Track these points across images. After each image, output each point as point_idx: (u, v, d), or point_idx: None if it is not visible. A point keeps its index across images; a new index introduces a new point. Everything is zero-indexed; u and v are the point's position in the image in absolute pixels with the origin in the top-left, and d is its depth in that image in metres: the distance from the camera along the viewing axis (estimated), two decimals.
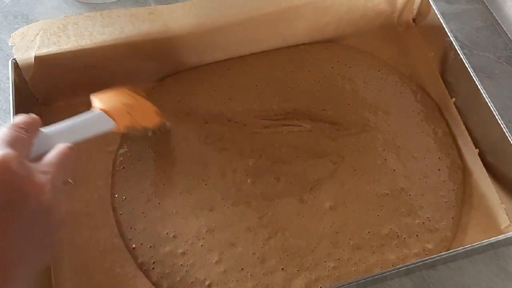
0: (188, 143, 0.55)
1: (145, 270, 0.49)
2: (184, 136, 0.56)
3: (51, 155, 0.37)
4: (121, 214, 0.51)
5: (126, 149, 0.55)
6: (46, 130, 0.40)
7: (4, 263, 0.30)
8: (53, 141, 0.39)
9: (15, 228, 0.30)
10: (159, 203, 0.52)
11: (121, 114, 0.46)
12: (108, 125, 0.45)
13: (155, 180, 0.53)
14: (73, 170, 0.39)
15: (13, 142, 0.34)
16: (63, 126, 0.41)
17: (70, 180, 0.39)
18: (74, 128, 0.42)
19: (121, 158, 0.54)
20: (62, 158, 0.37)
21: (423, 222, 0.51)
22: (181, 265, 0.49)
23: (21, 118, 0.38)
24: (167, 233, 0.50)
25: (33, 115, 0.39)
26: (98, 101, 0.46)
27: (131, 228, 0.50)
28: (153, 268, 0.49)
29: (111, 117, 0.44)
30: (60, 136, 0.40)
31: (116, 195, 0.52)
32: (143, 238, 0.50)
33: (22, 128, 0.36)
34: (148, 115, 0.50)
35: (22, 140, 0.35)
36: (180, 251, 0.50)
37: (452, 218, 0.51)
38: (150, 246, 0.50)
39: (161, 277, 0.48)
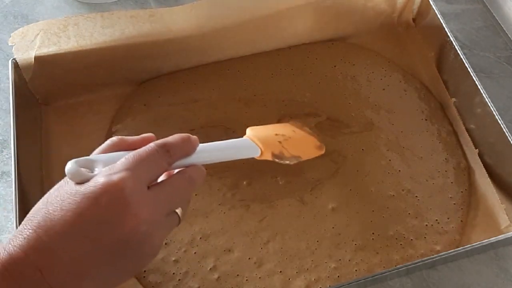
0: None
1: (137, 278, 0.47)
2: None
3: (168, 182, 0.34)
4: None
5: None
6: None
7: (79, 273, 0.30)
8: (192, 158, 0.36)
9: (100, 246, 0.30)
10: None
11: (269, 143, 0.45)
12: (253, 151, 0.43)
13: None
14: (187, 201, 0.37)
15: (141, 164, 0.32)
16: (205, 145, 0.39)
17: (178, 212, 0.35)
18: (217, 149, 0.40)
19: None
20: (177, 189, 0.34)
21: (432, 225, 0.50)
22: (173, 273, 0.47)
23: (174, 138, 0.35)
24: None
25: (193, 137, 0.36)
26: (250, 130, 0.45)
27: None
28: (144, 276, 0.47)
29: (257, 144, 0.43)
30: (201, 154, 0.37)
31: None
32: None
33: (166, 152, 0.34)
34: (305, 147, 0.49)
35: (154, 164, 0.33)
36: (173, 258, 0.48)
37: (461, 221, 0.51)
38: None
39: (152, 286, 0.47)
